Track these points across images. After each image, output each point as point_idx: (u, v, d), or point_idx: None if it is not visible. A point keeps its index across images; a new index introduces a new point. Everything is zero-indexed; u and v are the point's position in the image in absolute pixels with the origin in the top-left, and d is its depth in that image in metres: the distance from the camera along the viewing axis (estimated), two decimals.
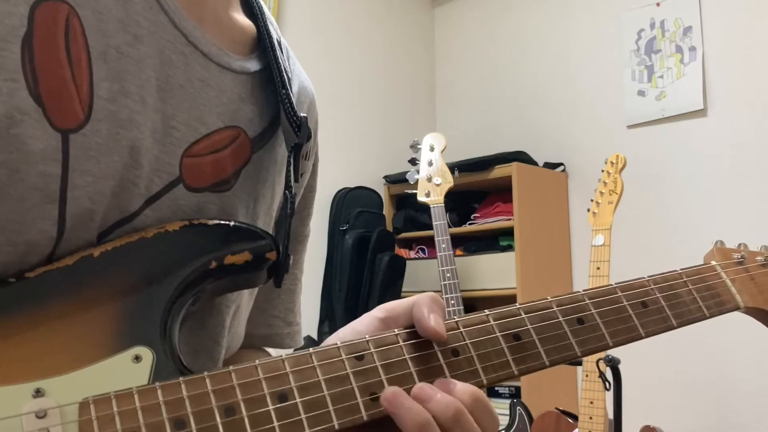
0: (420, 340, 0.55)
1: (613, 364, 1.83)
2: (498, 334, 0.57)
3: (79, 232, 0.52)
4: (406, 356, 0.54)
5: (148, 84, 0.55)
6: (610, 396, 1.87)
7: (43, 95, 0.49)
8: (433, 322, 0.54)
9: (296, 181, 0.66)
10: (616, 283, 0.64)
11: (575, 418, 2.16)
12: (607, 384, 1.89)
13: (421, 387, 0.51)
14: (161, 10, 0.57)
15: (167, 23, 0.57)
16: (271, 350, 0.76)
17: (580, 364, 2.07)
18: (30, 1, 0.50)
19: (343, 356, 0.52)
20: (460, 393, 0.52)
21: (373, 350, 0.53)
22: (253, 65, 0.65)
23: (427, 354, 0.54)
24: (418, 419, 0.49)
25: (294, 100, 0.66)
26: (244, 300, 0.67)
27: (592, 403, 2.05)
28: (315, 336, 3.00)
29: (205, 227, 0.57)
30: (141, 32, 0.55)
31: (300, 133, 0.64)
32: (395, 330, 0.55)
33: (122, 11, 0.54)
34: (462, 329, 0.56)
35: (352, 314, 3.00)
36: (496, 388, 2.99)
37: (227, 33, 0.64)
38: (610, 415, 1.94)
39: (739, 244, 0.75)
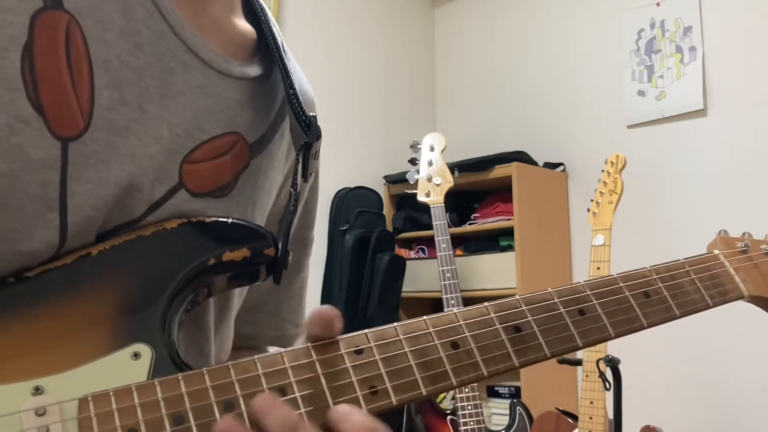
0: (420, 333, 0.55)
1: (613, 364, 1.83)
2: (498, 326, 0.57)
3: (81, 237, 0.52)
4: (406, 349, 0.54)
5: (147, 92, 0.55)
6: (610, 396, 1.87)
7: (43, 104, 0.50)
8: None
9: (306, 180, 0.66)
10: (617, 274, 0.64)
11: (575, 418, 2.16)
12: (607, 384, 1.89)
13: (279, 416, 0.46)
14: (162, 18, 0.57)
15: (168, 31, 0.57)
16: (272, 349, 0.77)
17: (580, 363, 2.07)
18: (30, 11, 0.50)
19: (342, 350, 0.52)
20: (352, 424, 0.47)
21: (372, 344, 0.53)
22: (254, 70, 0.65)
23: (427, 347, 0.54)
24: None
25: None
26: (234, 301, 0.67)
27: (592, 403, 2.05)
28: None
29: (204, 225, 0.57)
30: (141, 41, 0.55)
31: (310, 132, 0.64)
32: (394, 324, 0.55)
33: (123, 20, 0.55)
34: (461, 322, 0.56)
35: (352, 314, 3.00)
36: (496, 388, 2.99)
37: (227, 39, 0.64)
38: (610, 415, 1.94)
39: (743, 233, 0.74)
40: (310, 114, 0.65)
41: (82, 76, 0.52)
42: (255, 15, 0.69)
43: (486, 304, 0.58)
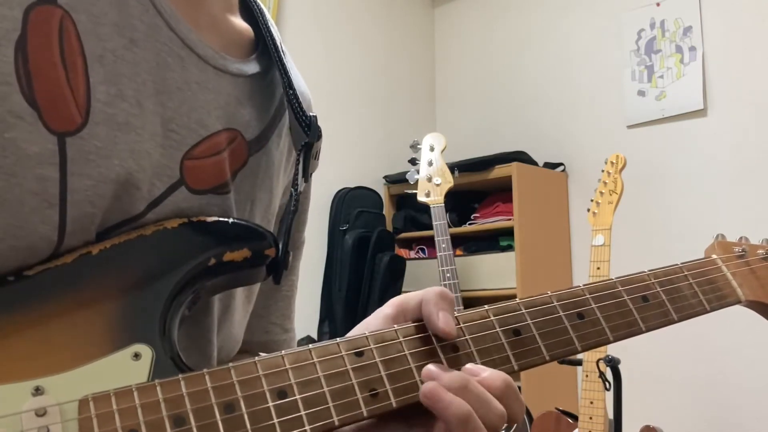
0: (419, 335, 0.55)
1: (613, 364, 1.83)
2: (498, 329, 0.57)
3: (79, 234, 0.52)
4: (406, 352, 0.54)
5: (144, 87, 0.55)
6: (610, 396, 1.87)
7: (37, 98, 0.49)
8: (442, 322, 0.54)
9: (306, 180, 0.66)
10: (616, 278, 0.64)
11: (575, 418, 2.16)
12: (607, 384, 1.89)
13: (452, 377, 0.52)
14: (157, 13, 0.57)
15: (163, 26, 0.57)
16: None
17: (580, 364, 2.07)
18: (24, 5, 0.50)
19: (343, 352, 0.52)
20: (489, 380, 0.53)
21: (372, 346, 0.53)
22: (251, 68, 0.65)
23: (427, 350, 0.54)
24: (458, 413, 0.50)
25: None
26: (237, 301, 0.66)
27: (592, 403, 2.05)
28: (315, 336, 3.00)
29: (204, 224, 0.57)
30: (137, 35, 0.55)
31: (310, 133, 0.64)
32: (394, 326, 0.55)
33: (118, 15, 0.54)
34: (462, 324, 0.56)
35: (352, 314, 3.00)
36: None
37: (224, 36, 0.64)
38: (610, 415, 1.94)
39: (740, 238, 0.75)
40: (311, 114, 0.65)
41: (77, 70, 0.51)
42: (252, 14, 0.69)
43: (486, 307, 0.58)
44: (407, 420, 0.53)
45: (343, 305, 3.00)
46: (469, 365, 0.54)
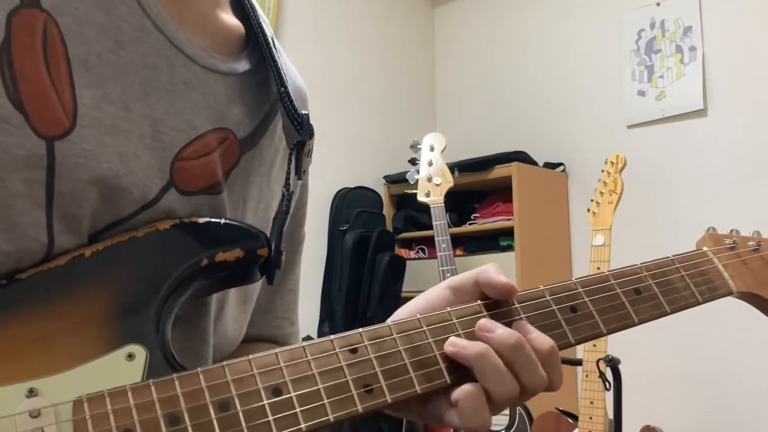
0: (411, 332, 0.55)
1: (613, 364, 1.83)
2: None
3: (69, 236, 0.52)
4: (400, 348, 0.54)
5: (131, 90, 0.55)
6: (610, 396, 1.87)
7: (24, 102, 0.49)
8: (504, 279, 0.57)
9: (299, 178, 0.66)
10: (608, 271, 0.64)
11: (575, 418, 2.16)
12: (607, 384, 1.89)
13: (482, 322, 0.55)
14: (144, 14, 0.57)
15: (150, 27, 0.57)
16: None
17: (580, 363, 2.06)
18: (6, 9, 0.50)
19: (337, 349, 0.52)
20: (537, 341, 0.55)
21: (366, 343, 0.53)
22: (242, 66, 0.65)
23: (422, 345, 0.55)
24: (476, 349, 0.53)
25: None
26: (230, 300, 0.66)
27: (592, 403, 2.05)
28: (315, 336, 3.00)
29: (196, 225, 0.57)
30: (123, 38, 0.55)
31: (302, 131, 0.64)
32: (388, 322, 0.56)
33: (103, 17, 0.54)
34: (455, 320, 0.57)
35: (352, 314, 3.00)
36: None
37: (213, 33, 0.64)
38: (610, 415, 1.93)
39: (731, 230, 0.75)
40: (303, 112, 0.65)
41: (60, 74, 0.51)
42: (244, 11, 0.68)
43: (479, 302, 0.58)
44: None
45: (343, 305, 2.99)
46: (520, 322, 0.56)
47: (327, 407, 0.50)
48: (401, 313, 0.59)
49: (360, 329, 0.54)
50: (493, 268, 0.58)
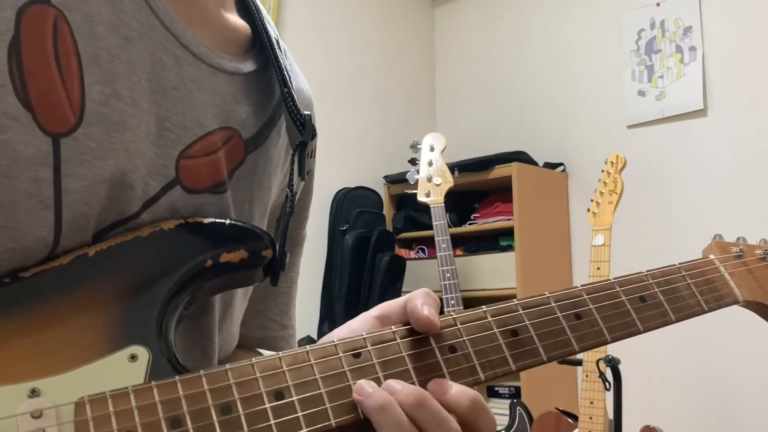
0: (417, 337, 0.54)
1: (613, 364, 1.83)
2: (495, 330, 0.57)
3: (75, 236, 0.51)
4: (403, 353, 0.53)
5: (140, 86, 0.55)
6: (610, 396, 1.87)
7: (32, 100, 0.49)
8: (426, 311, 0.53)
9: (303, 179, 0.66)
10: (614, 278, 0.64)
11: (575, 418, 2.16)
12: (607, 384, 1.89)
13: (387, 382, 0.51)
14: (151, 12, 0.57)
15: (158, 25, 0.57)
16: (265, 353, 0.76)
17: (580, 364, 2.06)
18: (16, 6, 0.50)
19: (340, 353, 0.52)
20: (456, 395, 0.51)
21: (369, 347, 0.53)
22: (248, 66, 0.65)
23: (424, 351, 0.54)
24: (379, 401, 0.49)
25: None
26: (237, 299, 0.66)
27: (592, 403, 2.04)
28: (315, 336, 3.00)
29: (201, 226, 0.57)
30: (131, 34, 0.55)
31: (305, 132, 0.64)
32: (392, 327, 0.55)
33: (112, 14, 0.54)
34: (459, 326, 0.56)
35: (352, 314, 2.94)
36: (496, 389, 2.99)
37: (219, 34, 0.64)
38: (610, 415, 1.93)
39: (738, 238, 0.75)
40: (305, 113, 0.65)
41: (71, 71, 0.51)
42: (249, 12, 0.68)
43: (483, 307, 0.58)
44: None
45: (343, 305, 2.99)
46: (434, 381, 0.52)
47: (329, 412, 0.49)
48: (326, 339, 0.56)
49: (364, 333, 0.54)
50: (422, 297, 0.54)
